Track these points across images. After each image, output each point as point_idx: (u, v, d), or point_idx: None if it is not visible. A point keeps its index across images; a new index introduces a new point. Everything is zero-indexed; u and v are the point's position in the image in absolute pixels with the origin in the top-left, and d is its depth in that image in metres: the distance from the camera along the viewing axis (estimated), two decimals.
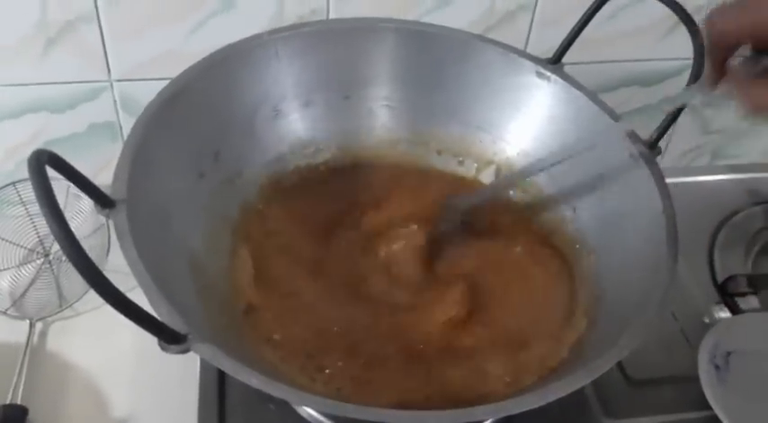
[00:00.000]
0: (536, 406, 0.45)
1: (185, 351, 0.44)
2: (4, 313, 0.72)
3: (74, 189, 0.73)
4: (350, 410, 0.42)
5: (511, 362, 0.57)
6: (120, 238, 0.48)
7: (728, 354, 0.66)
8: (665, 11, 0.59)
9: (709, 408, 0.63)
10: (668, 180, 0.59)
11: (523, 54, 0.68)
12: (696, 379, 0.64)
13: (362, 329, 0.60)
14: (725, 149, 0.98)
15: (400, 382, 0.56)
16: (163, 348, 0.43)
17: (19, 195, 0.75)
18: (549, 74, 0.66)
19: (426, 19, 0.75)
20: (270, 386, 0.43)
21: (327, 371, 0.56)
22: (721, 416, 0.61)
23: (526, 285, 0.64)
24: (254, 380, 0.43)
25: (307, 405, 0.49)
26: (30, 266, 0.76)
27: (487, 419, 0.58)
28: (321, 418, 0.61)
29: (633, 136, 0.61)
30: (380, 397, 0.55)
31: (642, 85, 0.87)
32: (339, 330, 0.59)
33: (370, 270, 0.65)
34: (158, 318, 0.43)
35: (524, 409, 0.45)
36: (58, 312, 0.73)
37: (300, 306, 0.61)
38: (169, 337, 0.43)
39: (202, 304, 0.54)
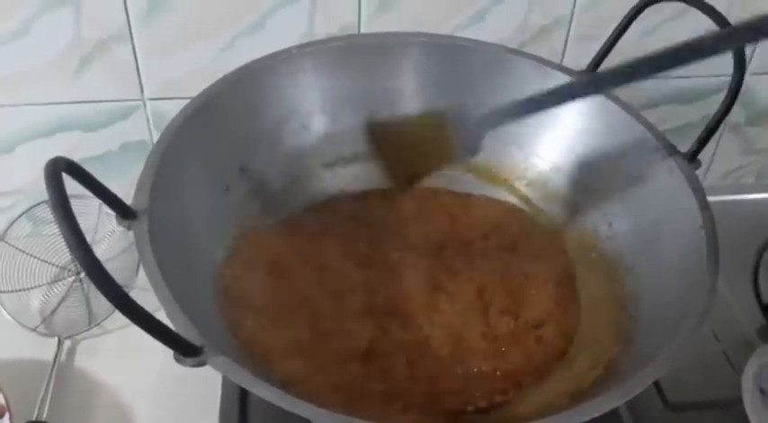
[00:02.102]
0: None
1: (201, 364, 0.43)
2: (34, 330, 0.72)
3: (106, 208, 0.73)
4: None
5: (540, 381, 0.55)
6: (139, 248, 0.48)
7: None
8: (705, 25, 0.57)
9: None
10: (711, 198, 0.57)
11: (557, 66, 0.67)
12: (739, 403, 0.61)
13: (385, 348, 0.58)
14: None
15: (424, 396, 0.55)
16: (178, 361, 0.43)
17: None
18: None
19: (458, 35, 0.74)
20: (284, 400, 0.41)
21: (347, 388, 0.54)
22: None
23: (559, 303, 0.62)
24: (268, 393, 0.41)
25: (321, 420, 0.48)
26: (61, 284, 0.76)
27: None
28: None
29: (671, 148, 0.59)
30: (403, 415, 0.53)
31: (682, 103, 0.85)
32: (360, 348, 0.58)
33: (396, 291, 0.63)
34: (174, 329, 0.42)
35: None
36: (87, 330, 0.73)
37: (319, 324, 0.59)
38: (184, 349, 0.42)
39: (225, 321, 0.53)
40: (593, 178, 0.61)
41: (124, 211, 0.50)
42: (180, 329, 0.43)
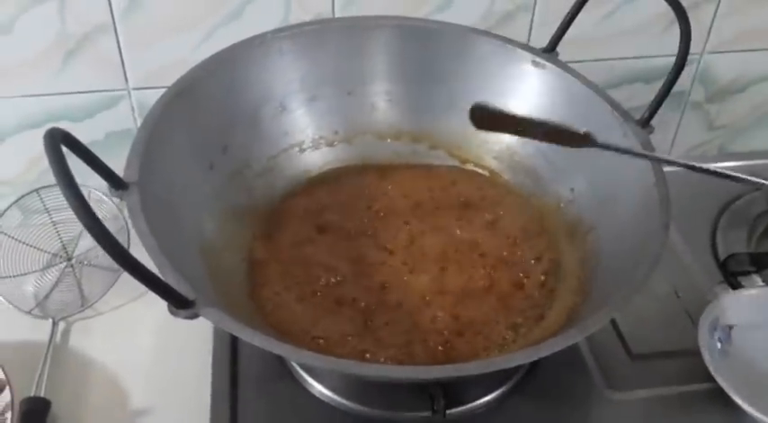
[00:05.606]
0: (528, 361, 0.46)
1: (194, 316, 0.46)
2: (29, 313, 0.74)
3: (95, 194, 0.76)
4: (346, 366, 0.43)
5: (506, 330, 0.59)
6: (132, 215, 0.51)
7: (730, 327, 0.67)
8: (663, 7, 0.61)
9: (711, 380, 0.63)
10: (672, 168, 0.59)
11: (519, 44, 0.70)
12: (698, 353, 0.64)
13: (370, 311, 0.61)
14: (731, 145, 0.99)
15: (399, 346, 0.57)
16: (172, 313, 0.46)
17: (42, 202, 0.78)
18: (544, 62, 0.69)
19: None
20: (271, 344, 0.44)
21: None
22: (725, 386, 0.61)
23: (521, 261, 0.66)
24: (257, 339, 0.44)
25: (306, 362, 0.49)
26: (53, 270, 0.79)
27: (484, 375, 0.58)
28: (332, 394, 0.62)
29: (626, 115, 0.63)
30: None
31: (644, 82, 0.89)
32: (347, 310, 0.61)
33: (379, 258, 0.66)
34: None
35: (516, 364, 0.46)
36: (80, 312, 0.75)
37: (306, 286, 0.63)
38: (178, 302, 0.45)
39: (213, 286, 0.56)
40: (556, 148, 0.65)
41: (116, 183, 0.53)
42: (173, 284, 0.46)
